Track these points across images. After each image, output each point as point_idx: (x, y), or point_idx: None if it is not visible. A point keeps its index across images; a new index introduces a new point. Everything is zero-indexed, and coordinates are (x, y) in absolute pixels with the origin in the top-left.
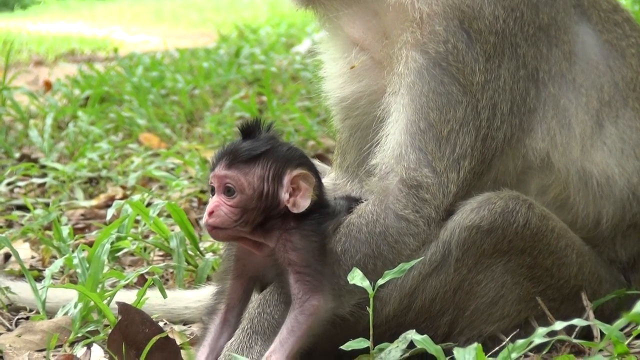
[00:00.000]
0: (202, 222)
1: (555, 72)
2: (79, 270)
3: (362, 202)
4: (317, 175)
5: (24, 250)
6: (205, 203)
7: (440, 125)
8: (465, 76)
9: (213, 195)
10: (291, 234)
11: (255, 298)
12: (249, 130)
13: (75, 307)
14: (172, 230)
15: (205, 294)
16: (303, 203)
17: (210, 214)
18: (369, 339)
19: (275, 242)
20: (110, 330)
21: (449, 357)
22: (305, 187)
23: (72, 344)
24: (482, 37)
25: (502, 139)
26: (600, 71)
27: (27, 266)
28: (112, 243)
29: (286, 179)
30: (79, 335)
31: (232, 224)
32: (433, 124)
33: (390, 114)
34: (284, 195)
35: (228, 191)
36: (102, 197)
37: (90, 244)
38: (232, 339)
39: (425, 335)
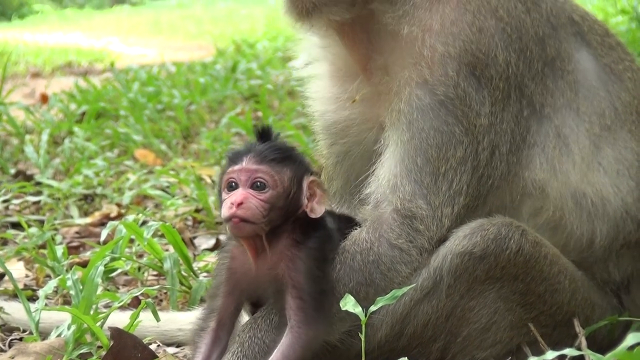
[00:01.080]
0: (225, 214)
1: (560, 104)
2: (72, 292)
3: (351, 219)
4: None
5: (18, 270)
6: (201, 222)
7: (438, 162)
8: (470, 119)
9: (230, 190)
10: (299, 249)
11: (246, 321)
12: (267, 134)
13: (68, 329)
14: (167, 250)
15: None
16: (319, 208)
17: (239, 205)
18: None
19: (279, 256)
20: (103, 353)
21: None
22: (320, 193)
23: None
24: (493, 83)
25: (499, 176)
26: (601, 96)
27: (21, 285)
28: (105, 264)
29: (305, 184)
30: (72, 357)
31: (260, 219)
32: (431, 160)
33: (387, 147)
34: (304, 200)
35: (258, 186)
36: (97, 215)
37: (85, 264)
38: None
39: None
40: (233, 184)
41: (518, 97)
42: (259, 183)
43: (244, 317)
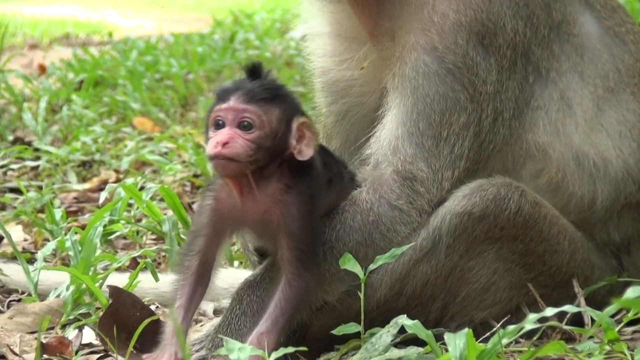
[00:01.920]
0: (210, 152)
1: (565, 68)
2: (71, 253)
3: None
4: None
5: (17, 232)
6: (199, 187)
7: (440, 127)
8: (476, 87)
9: (217, 128)
10: (291, 194)
11: (245, 279)
12: (257, 71)
13: (67, 289)
14: (165, 214)
15: None
16: (307, 151)
17: (225, 144)
18: (360, 324)
19: (271, 199)
20: (102, 312)
21: (439, 343)
22: (310, 135)
23: (63, 327)
24: (500, 52)
25: (501, 141)
26: (605, 59)
27: (19, 249)
28: (104, 226)
29: (294, 125)
30: (71, 317)
31: (246, 158)
32: (433, 124)
33: (389, 110)
34: (292, 141)
35: (245, 125)
36: (95, 181)
37: (83, 227)
38: (220, 320)
39: (416, 321)
40: (220, 122)
41: (524, 64)
42: (245, 123)
43: (245, 272)
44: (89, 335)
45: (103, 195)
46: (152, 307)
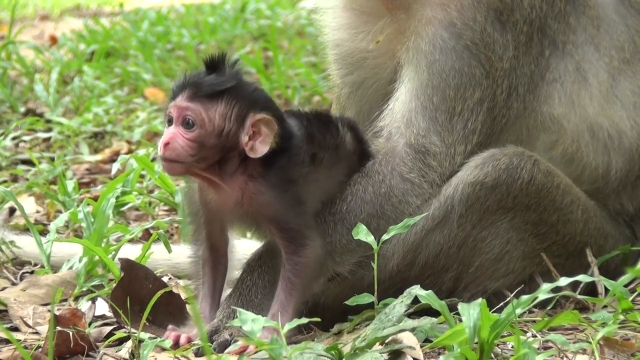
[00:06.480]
0: (158, 153)
1: (582, 40)
2: (83, 225)
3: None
4: (281, 120)
5: (29, 204)
6: None
7: (454, 102)
8: (492, 63)
9: (170, 125)
10: (258, 183)
11: (255, 250)
12: (214, 64)
13: (80, 261)
14: (177, 185)
15: None
16: (261, 148)
17: (166, 145)
18: (373, 295)
19: (240, 192)
20: (114, 285)
21: (453, 313)
22: (266, 132)
23: (76, 298)
24: (517, 28)
25: (514, 115)
26: (620, 30)
27: (32, 220)
28: (117, 197)
29: (248, 122)
30: (84, 289)
31: (187, 158)
32: (447, 99)
33: (403, 83)
34: (244, 138)
35: (187, 124)
36: (107, 152)
37: (95, 199)
38: (231, 291)
39: (429, 291)
40: (170, 118)
41: (540, 38)
42: (188, 121)
43: (257, 243)
44: (102, 307)
45: (115, 167)
46: (165, 279)
